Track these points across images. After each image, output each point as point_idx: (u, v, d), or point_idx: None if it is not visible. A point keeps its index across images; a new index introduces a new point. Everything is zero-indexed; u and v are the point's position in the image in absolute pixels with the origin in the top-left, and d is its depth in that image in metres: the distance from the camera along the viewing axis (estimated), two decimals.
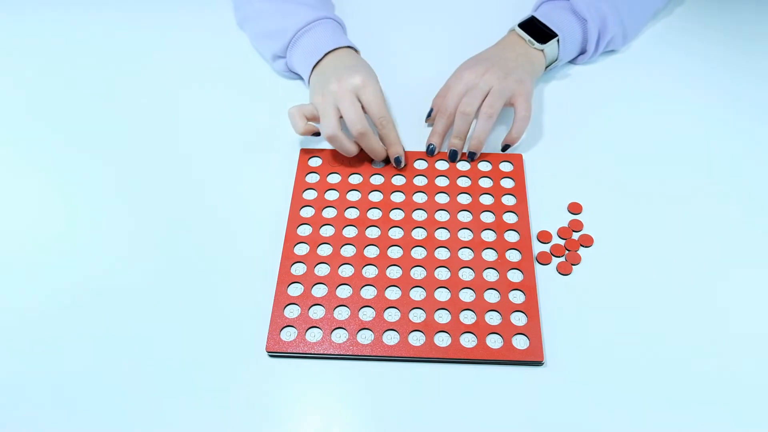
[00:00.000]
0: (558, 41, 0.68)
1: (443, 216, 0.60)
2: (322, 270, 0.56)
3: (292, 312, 0.54)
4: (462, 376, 0.51)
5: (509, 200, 0.62)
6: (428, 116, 0.68)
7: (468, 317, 0.53)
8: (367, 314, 0.54)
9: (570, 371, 0.51)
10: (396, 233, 0.59)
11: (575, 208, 0.61)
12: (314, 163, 0.65)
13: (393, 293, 0.55)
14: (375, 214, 0.61)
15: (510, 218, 0.60)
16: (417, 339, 0.52)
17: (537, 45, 0.67)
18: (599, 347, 0.52)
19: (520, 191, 0.62)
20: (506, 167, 0.64)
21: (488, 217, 0.60)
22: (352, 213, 0.61)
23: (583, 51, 0.73)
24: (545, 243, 0.59)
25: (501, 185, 0.63)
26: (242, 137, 0.68)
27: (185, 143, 0.67)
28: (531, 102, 0.64)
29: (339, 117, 0.61)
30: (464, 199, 0.62)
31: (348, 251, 0.58)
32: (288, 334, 0.52)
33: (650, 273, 0.56)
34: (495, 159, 0.65)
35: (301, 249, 0.58)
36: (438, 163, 0.65)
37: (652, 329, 0.53)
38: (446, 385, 0.50)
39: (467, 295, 0.55)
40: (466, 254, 0.57)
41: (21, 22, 0.81)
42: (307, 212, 0.61)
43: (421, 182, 0.63)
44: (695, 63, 0.75)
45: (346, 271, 0.56)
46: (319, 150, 0.66)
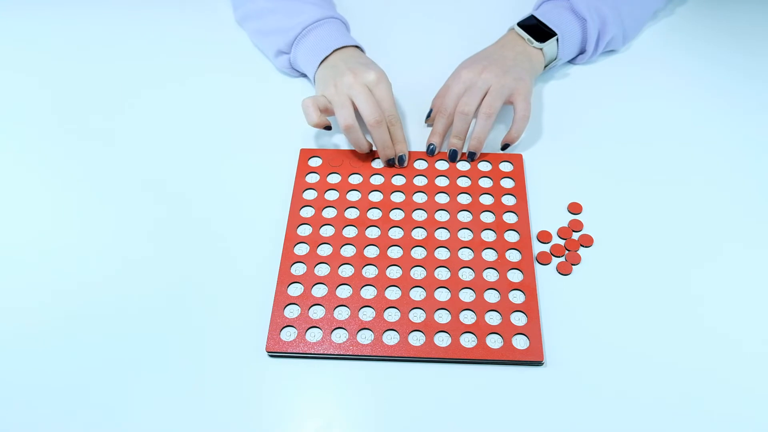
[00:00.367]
0: (557, 40, 0.68)
1: (443, 216, 0.60)
2: (322, 270, 0.56)
3: (292, 312, 0.54)
4: (462, 376, 0.51)
5: (509, 200, 0.62)
6: (428, 116, 0.68)
7: (468, 317, 0.53)
8: (367, 314, 0.54)
9: (570, 371, 0.51)
10: (396, 233, 0.59)
11: (575, 208, 0.61)
12: (314, 163, 0.65)
13: (393, 293, 0.55)
14: (375, 214, 0.61)
15: (510, 218, 0.60)
16: (417, 339, 0.52)
17: (536, 44, 0.67)
18: (599, 347, 0.52)
19: (520, 191, 0.62)
20: (506, 167, 0.64)
21: (488, 217, 0.60)
22: (352, 213, 0.61)
23: (583, 51, 0.73)
24: (545, 243, 0.59)
25: (501, 185, 0.63)
26: (242, 137, 0.68)
27: (185, 143, 0.67)
28: (530, 100, 0.64)
29: (354, 109, 0.62)
30: (464, 199, 0.62)
31: (348, 251, 0.58)
32: (288, 334, 0.52)
33: (650, 273, 0.56)
34: (495, 159, 0.65)
35: (301, 249, 0.58)
36: (438, 163, 0.65)
37: (652, 329, 0.53)
38: (446, 385, 0.50)
39: (467, 295, 0.55)
40: (466, 254, 0.57)
41: (21, 21, 0.81)
42: (307, 212, 0.61)
43: (421, 182, 0.63)
44: (695, 63, 0.75)
45: (346, 271, 0.56)
46: (319, 150, 0.66)
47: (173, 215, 0.61)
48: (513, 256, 0.57)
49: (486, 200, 0.62)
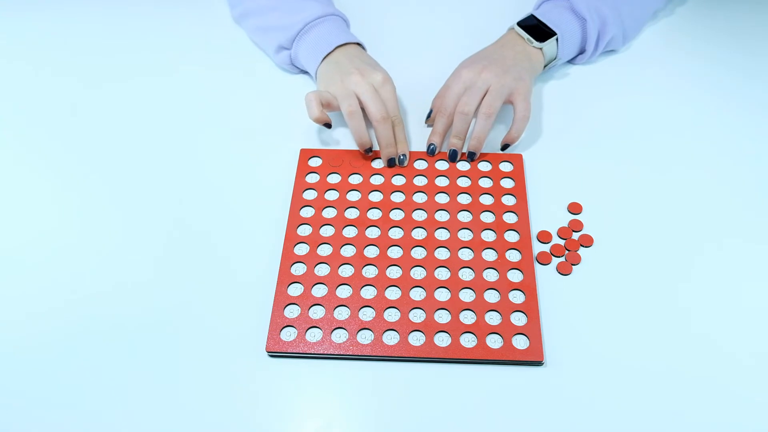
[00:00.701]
0: (557, 40, 0.68)
1: (443, 216, 0.60)
2: (322, 270, 0.56)
3: (292, 312, 0.54)
4: (462, 376, 0.51)
5: (509, 200, 0.62)
6: (428, 117, 0.68)
7: (468, 317, 0.53)
8: (367, 314, 0.54)
9: (570, 371, 0.51)
10: (396, 233, 0.59)
11: (575, 208, 0.61)
12: (314, 163, 0.65)
13: (393, 293, 0.55)
14: (375, 214, 0.61)
15: (510, 218, 0.60)
16: (417, 339, 0.52)
17: (535, 43, 0.68)
18: (599, 347, 0.52)
19: (520, 191, 0.62)
20: (506, 167, 0.64)
21: (488, 217, 0.60)
22: (352, 213, 0.61)
23: (582, 51, 0.73)
24: (545, 243, 0.59)
25: (501, 185, 0.63)
26: (242, 137, 0.68)
27: (185, 143, 0.67)
28: (530, 100, 0.64)
29: (359, 104, 0.62)
30: (464, 199, 0.62)
31: (348, 251, 0.58)
32: (288, 334, 0.52)
33: (650, 273, 0.56)
34: (495, 159, 0.65)
35: (301, 249, 0.58)
36: (438, 163, 0.65)
37: (652, 329, 0.53)
38: (446, 385, 0.50)
39: (467, 295, 0.55)
40: (466, 254, 0.57)
41: (22, 21, 0.82)
42: (307, 212, 0.61)
43: (421, 182, 0.63)
44: (695, 63, 0.75)
45: (346, 271, 0.56)
46: (319, 150, 0.66)
47: (173, 215, 0.61)
48: (513, 256, 0.57)
49: (486, 200, 0.62)
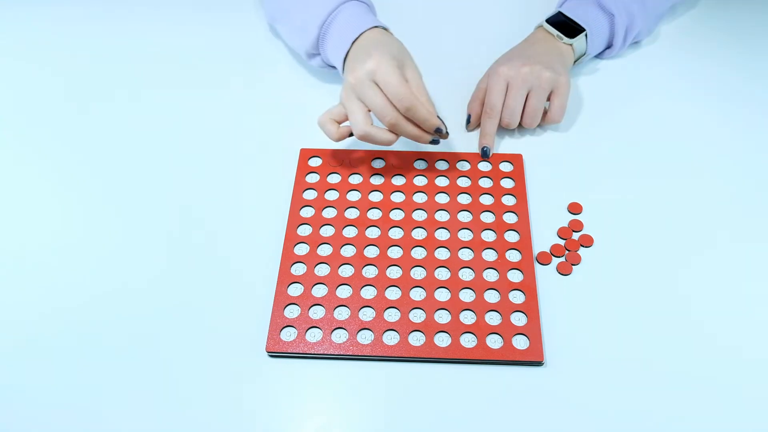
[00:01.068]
0: (586, 36, 0.69)
1: (443, 216, 0.60)
2: (322, 270, 0.56)
3: (292, 312, 0.54)
4: (462, 376, 0.51)
5: (509, 200, 0.62)
6: (468, 122, 0.68)
7: (468, 317, 0.53)
8: (367, 314, 0.54)
9: (570, 371, 0.51)
10: (396, 233, 0.59)
11: (575, 208, 0.61)
12: (314, 163, 0.65)
13: (393, 293, 0.55)
14: (375, 214, 0.61)
15: (510, 218, 0.60)
16: (417, 339, 0.52)
17: (565, 39, 0.68)
18: (599, 347, 0.52)
19: (520, 191, 0.62)
20: (506, 167, 0.64)
21: (488, 217, 0.60)
22: (352, 213, 0.61)
23: (610, 45, 0.73)
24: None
25: (501, 185, 0.63)
26: (242, 137, 0.68)
27: (184, 143, 0.67)
28: (567, 98, 0.65)
29: (366, 110, 0.58)
30: (464, 199, 0.62)
31: (348, 251, 0.58)
32: (288, 334, 0.52)
33: (650, 273, 0.56)
34: (495, 159, 0.65)
35: (301, 249, 0.58)
36: (438, 163, 0.65)
37: (652, 329, 0.53)
38: (446, 385, 0.50)
39: (467, 296, 0.55)
40: (466, 254, 0.57)
41: (27, 21, 0.82)
42: (307, 212, 0.61)
43: (421, 182, 0.63)
44: (696, 63, 0.75)
45: (346, 271, 0.56)
46: (319, 150, 0.66)
47: (173, 215, 0.61)
48: (513, 256, 0.57)
49: (486, 200, 0.62)
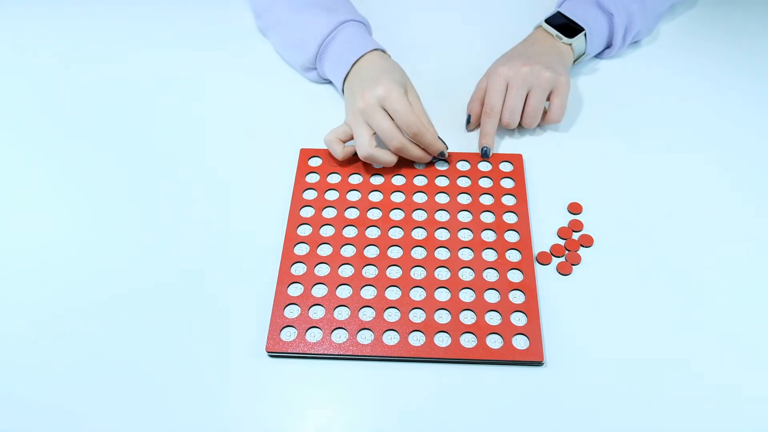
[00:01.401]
0: (585, 35, 0.69)
1: (443, 216, 0.60)
2: (322, 270, 0.56)
3: (292, 312, 0.54)
4: (462, 376, 0.51)
5: (509, 200, 0.62)
6: (468, 122, 0.68)
7: (468, 317, 0.53)
8: (367, 314, 0.54)
9: (570, 371, 0.51)
10: (396, 233, 0.59)
11: (575, 208, 0.61)
12: (314, 163, 0.65)
13: (393, 293, 0.55)
14: (375, 214, 0.61)
15: (510, 218, 0.60)
16: (417, 339, 0.52)
17: (565, 39, 0.68)
18: (599, 347, 0.52)
19: (520, 191, 0.62)
20: (506, 167, 0.64)
21: (488, 217, 0.60)
22: (352, 213, 0.61)
23: (609, 45, 0.73)
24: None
25: (501, 185, 0.63)
26: (242, 137, 0.68)
27: (184, 143, 0.67)
28: (567, 98, 0.65)
29: (372, 133, 0.60)
30: (464, 199, 0.62)
31: (348, 251, 0.58)
32: (288, 334, 0.52)
33: (650, 273, 0.56)
34: (495, 159, 0.65)
35: (301, 249, 0.58)
36: (438, 163, 0.65)
37: (652, 329, 0.53)
38: (446, 385, 0.50)
39: (467, 295, 0.55)
40: (466, 254, 0.57)
41: (34, 17, 0.82)
42: (307, 212, 0.61)
43: (421, 182, 0.63)
44: (696, 63, 0.76)
45: (346, 271, 0.56)
46: (319, 150, 0.66)
47: (173, 215, 0.61)
48: (513, 256, 0.57)
49: (486, 200, 0.62)
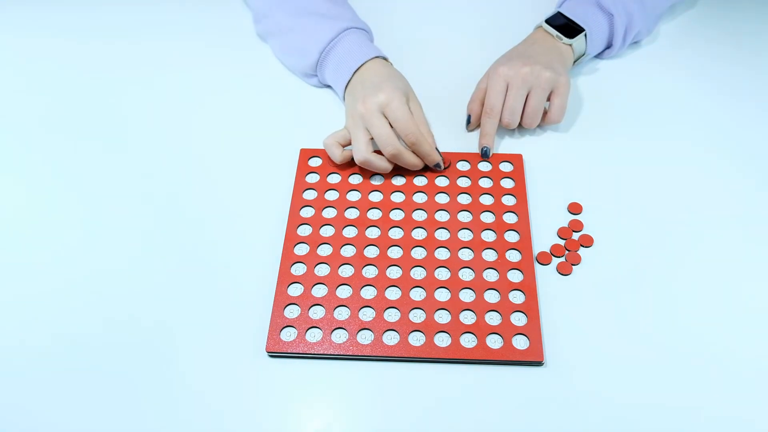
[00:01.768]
0: (585, 36, 0.69)
1: (443, 216, 0.60)
2: (322, 270, 0.56)
3: (292, 312, 0.54)
4: (462, 376, 0.51)
5: (509, 200, 0.62)
6: (468, 122, 0.68)
7: (468, 317, 0.53)
8: (367, 314, 0.54)
9: (570, 371, 0.51)
10: (396, 233, 0.59)
11: (575, 208, 0.61)
12: (314, 163, 0.65)
13: (393, 293, 0.55)
14: (375, 214, 0.61)
15: (510, 218, 0.60)
16: (417, 339, 0.52)
17: (565, 40, 0.68)
18: (599, 347, 0.52)
19: (520, 191, 0.62)
20: (506, 167, 0.64)
21: (488, 218, 0.60)
22: (352, 213, 0.61)
23: (609, 45, 0.73)
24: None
25: (501, 185, 0.63)
26: (242, 137, 0.68)
27: (184, 143, 0.67)
28: (567, 98, 0.65)
29: (369, 138, 0.60)
30: (464, 199, 0.62)
31: (348, 251, 0.58)
32: (288, 334, 0.52)
33: (650, 273, 0.56)
34: (495, 159, 0.65)
35: (301, 249, 0.58)
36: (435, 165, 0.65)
37: (652, 329, 0.53)
38: (446, 385, 0.50)
39: (467, 296, 0.55)
40: (466, 254, 0.57)
41: (35, 16, 0.82)
42: (307, 212, 0.61)
43: (421, 182, 0.63)
44: (698, 63, 0.76)
45: (346, 272, 0.56)
46: (319, 150, 0.66)
47: (173, 215, 0.61)
48: (513, 257, 0.57)
49: (486, 200, 0.62)
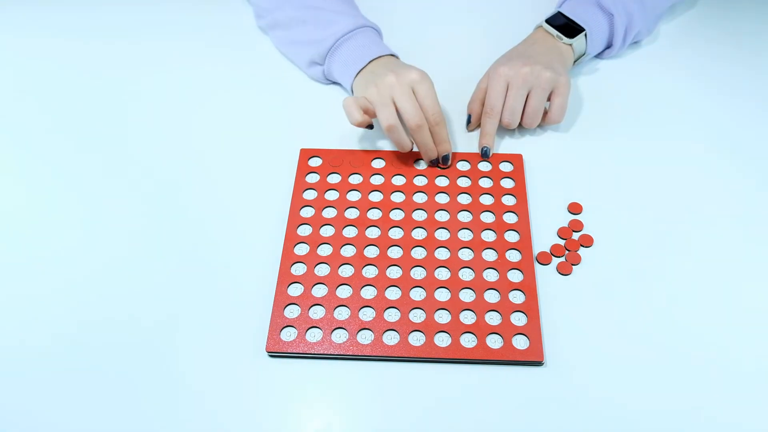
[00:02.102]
0: (585, 36, 0.69)
1: (443, 216, 0.60)
2: (322, 270, 0.56)
3: (292, 312, 0.54)
4: (462, 376, 0.51)
5: (509, 200, 0.62)
6: (468, 122, 0.68)
7: (468, 317, 0.53)
8: (367, 314, 0.54)
9: (570, 371, 0.51)
10: (396, 233, 0.59)
11: (575, 208, 0.61)
12: (314, 163, 0.65)
13: (393, 293, 0.55)
14: (375, 214, 0.61)
15: (510, 218, 0.60)
16: (417, 339, 0.52)
17: (565, 39, 0.68)
18: (599, 347, 0.52)
19: (520, 191, 0.62)
20: (506, 167, 0.64)
21: (488, 217, 0.60)
22: (352, 213, 0.61)
23: (609, 45, 0.73)
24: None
25: (501, 185, 0.63)
26: (242, 137, 0.68)
27: (184, 143, 0.67)
28: (567, 98, 0.65)
29: (395, 109, 0.60)
30: (464, 199, 0.62)
31: (348, 251, 0.58)
32: (288, 334, 0.52)
33: (650, 273, 0.56)
34: (495, 159, 0.65)
35: (301, 249, 0.58)
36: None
37: (653, 329, 0.53)
38: (446, 385, 0.50)
39: (467, 295, 0.55)
40: (466, 254, 0.57)
41: (34, 20, 0.82)
42: (307, 212, 0.61)
43: (421, 182, 0.63)
44: (696, 63, 0.76)
45: (346, 271, 0.56)
46: (319, 150, 0.66)
47: (173, 215, 0.61)
48: (513, 256, 0.57)
49: (486, 200, 0.62)
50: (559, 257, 0.58)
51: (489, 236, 0.59)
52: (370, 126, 0.62)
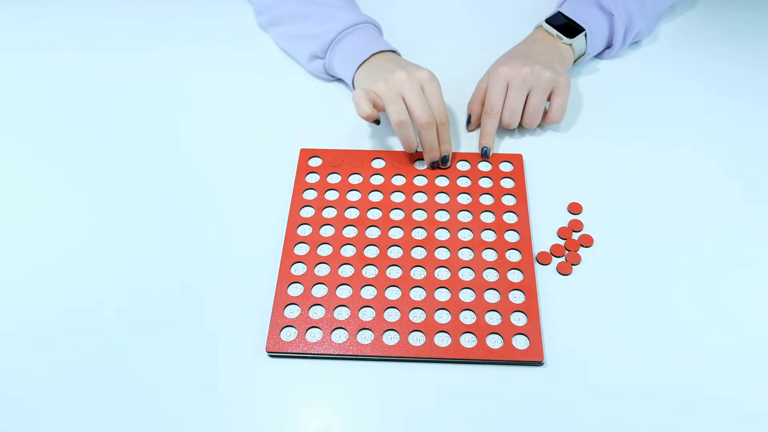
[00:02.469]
0: (585, 35, 0.69)
1: (443, 216, 0.60)
2: (322, 270, 0.56)
3: (292, 312, 0.54)
4: (462, 376, 0.51)
5: (509, 200, 0.62)
6: (468, 122, 0.68)
7: (468, 317, 0.53)
8: (367, 314, 0.54)
9: (570, 371, 0.51)
10: (396, 233, 0.59)
11: (575, 208, 0.61)
12: (314, 163, 0.65)
13: (393, 293, 0.55)
14: (375, 214, 0.61)
15: (510, 218, 0.60)
16: (417, 339, 0.52)
17: (565, 39, 0.68)
18: (599, 347, 0.52)
19: (520, 191, 0.62)
20: (506, 167, 0.64)
21: (488, 217, 0.60)
22: (352, 213, 0.61)
23: (609, 45, 0.73)
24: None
25: (501, 185, 0.63)
26: (242, 137, 0.68)
27: (184, 143, 0.68)
28: (567, 98, 0.65)
29: (404, 106, 0.60)
30: (464, 199, 0.62)
31: (348, 251, 0.58)
32: (288, 334, 0.52)
33: (650, 273, 0.56)
34: (495, 159, 0.65)
35: (301, 249, 0.58)
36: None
37: (653, 329, 0.53)
38: (446, 385, 0.50)
39: (467, 295, 0.55)
40: (466, 254, 0.57)
41: (36, 15, 0.82)
42: (307, 212, 0.61)
43: (421, 182, 0.63)
44: (696, 63, 0.76)
45: (346, 271, 0.56)
46: (319, 150, 0.66)
47: (173, 215, 0.61)
48: (513, 256, 0.57)
49: (486, 200, 0.62)
50: (559, 257, 0.58)
51: (489, 236, 0.59)
52: (377, 121, 0.61)
